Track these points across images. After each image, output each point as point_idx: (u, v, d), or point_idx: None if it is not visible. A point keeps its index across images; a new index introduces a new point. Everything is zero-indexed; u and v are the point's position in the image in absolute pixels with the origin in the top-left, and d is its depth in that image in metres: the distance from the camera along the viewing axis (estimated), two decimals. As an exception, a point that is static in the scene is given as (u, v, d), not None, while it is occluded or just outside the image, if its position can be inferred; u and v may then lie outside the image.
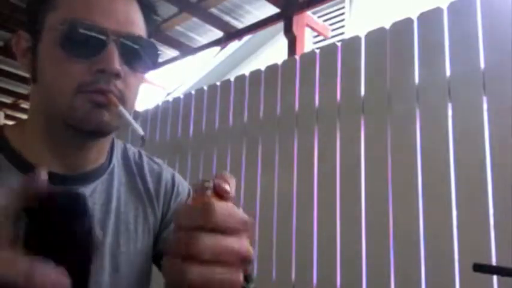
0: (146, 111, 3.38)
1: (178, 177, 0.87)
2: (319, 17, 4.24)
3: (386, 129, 1.96)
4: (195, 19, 3.55)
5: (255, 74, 2.62)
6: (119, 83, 0.65)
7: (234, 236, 0.41)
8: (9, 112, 5.90)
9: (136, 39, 0.67)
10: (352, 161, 2.05)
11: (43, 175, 0.37)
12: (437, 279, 1.72)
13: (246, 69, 3.54)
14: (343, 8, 4.39)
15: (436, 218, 1.76)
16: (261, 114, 2.52)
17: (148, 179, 0.81)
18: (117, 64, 0.63)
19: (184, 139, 2.98)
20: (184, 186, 0.87)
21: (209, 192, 0.42)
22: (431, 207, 1.78)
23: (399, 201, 1.87)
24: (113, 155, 0.79)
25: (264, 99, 2.52)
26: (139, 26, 0.69)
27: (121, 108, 0.64)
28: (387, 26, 2.05)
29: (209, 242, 0.39)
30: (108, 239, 0.72)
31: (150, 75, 4.60)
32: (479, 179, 1.67)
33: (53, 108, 0.66)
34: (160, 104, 3.30)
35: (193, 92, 3.07)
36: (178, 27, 3.72)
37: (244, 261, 0.41)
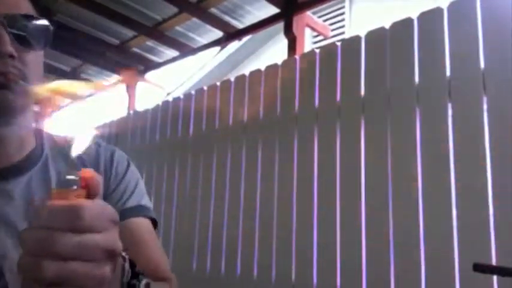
0: (146, 111, 3.38)
1: (119, 155, 0.86)
2: (319, 17, 4.24)
3: (386, 129, 1.96)
4: (195, 19, 3.56)
5: (255, 74, 2.62)
6: (16, 63, 0.66)
7: (101, 232, 0.40)
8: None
9: (25, 18, 0.69)
10: (352, 161, 2.05)
11: None
12: (437, 279, 1.72)
13: (246, 69, 3.54)
14: (343, 8, 4.39)
15: (436, 218, 1.76)
16: (261, 114, 2.52)
17: (87, 162, 0.81)
18: (7, 45, 0.65)
19: (184, 139, 2.98)
20: (123, 164, 0.85)
21: (75, 188, 0.41)
22: (431, 207, 1.78)
23: (399, 201, 1.87)
24: (44, 145, 0.79)
25: (264, 99, 2.52)
26: (27, 8, 0.71)
27: (20, 82, 0.66)
28: (387, 26, 2.05)
29: (73, 240, 0.39)
30: None
31: (150, 75, 4.60)
32: (479, 178, 1.67)
33: None
34: (160, 104, 3.30)
35: (193, 92, 3.07)
36: (178, 27, 3.73)
37: (111, 255, 0.41)
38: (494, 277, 1.57)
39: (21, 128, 0.74)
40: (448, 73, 1.84)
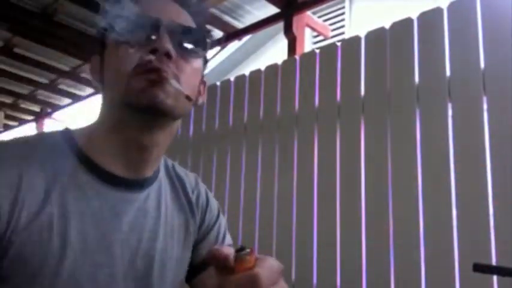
0: (146, 111, 3.37)
1: (209, 193, 0.93)
2: (319, 17, 4.24)
3: (386, 129, 1.96)
4: (195, 19, 3.55)
5: (255, 74, 2.62)
6: (171, 64, 0.67)
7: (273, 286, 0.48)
8: (9, 112, 5.89)
9: (185, 28, 0.71)
10: (352, 161, 2.05)
11: None
12: (437, 279, 1.72)
13: (246, 69, 3.54)
14: (343, 8, 4.39)
15: (436, 218, 1.76)
16: (261, 114, 2.52)
17: (190, 192, 0.87)
18: (166, 43, 0.67)
19: (184, 139, 2.98)
20: (214, 204, 0.93)
21: (248, 258, 0.48)
22: (431, 207, 1.78)
23: (399, 201, 1.87)
24: (160, 164, 0.83)
25: (264, 99, 2.52)
26: (189, 21, 0.74)
27: (172, 81, 0.66)
28: (387, 26, 2.05)
29: None
30: (159, 245, 0.77)
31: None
32: (479, 178, 1.67)
33: (114, 94, 0.70)
34: (160, 104, 3.30)
35: (193, 92, 3.06)
36: (178, 27, 3.72)
37: None
38: (494, 277, 1.57)
39: (165, 139, 0.75)
40: (448, 73, 1.84)
